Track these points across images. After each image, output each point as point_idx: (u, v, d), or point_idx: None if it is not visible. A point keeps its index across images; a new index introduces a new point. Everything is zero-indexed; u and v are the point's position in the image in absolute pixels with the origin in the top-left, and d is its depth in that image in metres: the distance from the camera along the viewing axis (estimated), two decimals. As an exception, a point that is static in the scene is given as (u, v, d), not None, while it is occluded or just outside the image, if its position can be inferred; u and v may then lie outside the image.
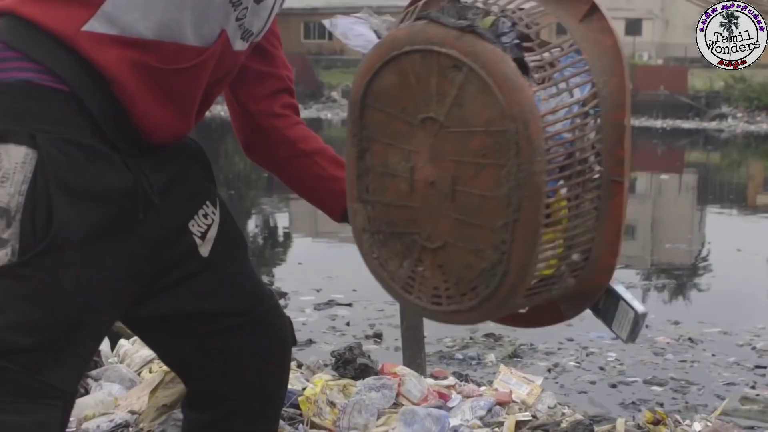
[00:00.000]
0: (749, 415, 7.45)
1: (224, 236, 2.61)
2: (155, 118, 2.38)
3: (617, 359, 8.83)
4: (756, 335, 9.72)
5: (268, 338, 2.69)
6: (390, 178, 2.34)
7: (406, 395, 4.33)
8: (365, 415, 3.94)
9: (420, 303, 2.36)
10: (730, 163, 32.92)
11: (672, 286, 12.70)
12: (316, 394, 4.02)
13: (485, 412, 4.11)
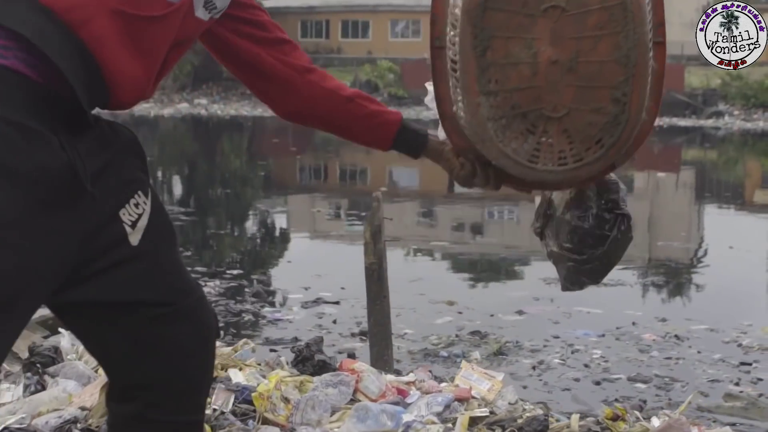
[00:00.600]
0: (732, 412, 7.46)
1: (155, 227, 2.62)
2: (126, 69, 2.40)
3: (602, 356, 8.82)
4: (743, 332, 9.72)
5: (193, 330, 2.70)
6: (512, 67, 2.68)
7: (364, 391, 4.33)
8: (318, 411, 3.94)
9: (547, 168, 2.78)
10: (726, 160, 32.94)
11: (662, 284, 12.70)
12: (269, 390, 4.02)
13: (442, 408, 4.11)
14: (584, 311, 10.39)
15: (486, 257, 14.54)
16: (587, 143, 2.72)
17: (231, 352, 5.05)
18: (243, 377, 4.39)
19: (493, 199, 20.86)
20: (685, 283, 13.02)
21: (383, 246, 6.41)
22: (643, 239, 17.20)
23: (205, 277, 11.76)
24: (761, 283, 12.74)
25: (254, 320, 9.92)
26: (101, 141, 2.49)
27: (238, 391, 4.18)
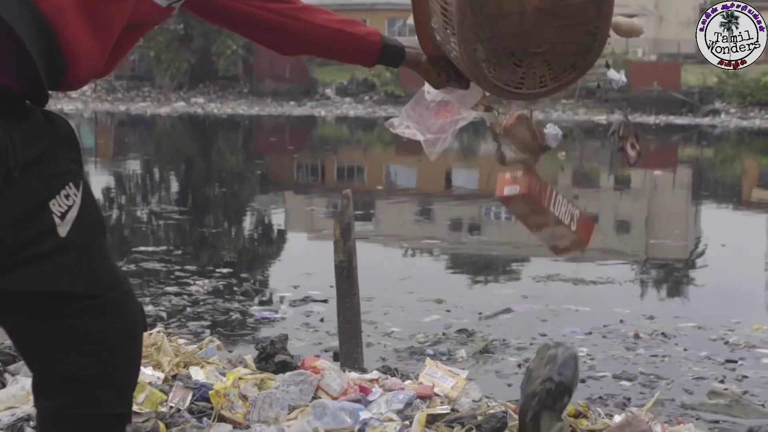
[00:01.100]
0: (715, 410, 7.46)
1: (84, 219, 2.62)
2: (84, 43, 2.44)
3: (588, 354, 8.82)
4: (730, 330, 9.72)
5: (120, 323, 2.70)
6: (504, 18, 3.06)
7: (325, 389, 4.32)
8: (276, 409, 3.94)
9: (530, 91, 3.23)
10: (723, 159, 32.94)
11: (652, 281, 12.71)
12: (227, 388, 4.02)
13: (403, 406, 4.11)
14: (572, 309, 10.41)
15: (477, 256, 14.55)
16: (564, 68, 3.21)
17: (195, 350, 5.06)
18: (203, 375, 4.39)
19: (490, 198, 20.89)
20: (676, 281, 13.03)
21: (353, 243, 6.42)
22: (638, 237, 17.23)
23: (194, 275, 11.77)
24: (752, 281, 12.75)
25: (242, 319, 9.92)
26: (36, 131, 2.51)
27: (196, 388, 4.18)
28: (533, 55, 3.14)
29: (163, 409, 4.02)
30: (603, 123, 42.11)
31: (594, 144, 37.01)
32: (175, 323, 9.63)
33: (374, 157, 31.59)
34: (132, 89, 50.78)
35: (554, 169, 20.14)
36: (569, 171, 28.04)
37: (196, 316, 9.92)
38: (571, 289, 11.57)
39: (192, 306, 10.30)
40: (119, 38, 2.56)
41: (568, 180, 26.43)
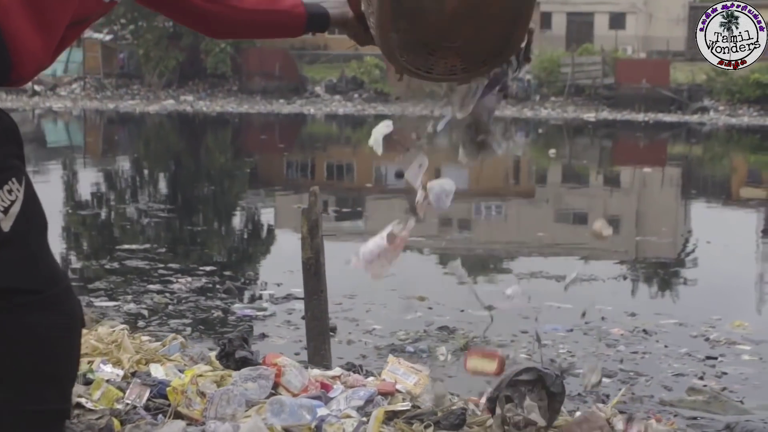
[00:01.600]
0: (694, 406, 7.47)
1: (27, 214, 2.62)
2: (30, 42, 2.44)
3: (569, 351, 8.83)
4: (711, 326, 9.73)
5: (60, 319, 2.70)
6: (422, 14, 3.07)
7: (286, 386, 4.32)
8: (233, 405, 3.93)
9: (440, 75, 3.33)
10: (712, 156, 32.98)
11: (634, 278, 12.72)
12: (184, 385, 4.02)
13: (363, 402, 4.10)
14: (554, 306, 10.39)
15: (462, 253, 14.54)
16: (476, 62, 3.29)
17: (158, 347, 5.05)
18: (163, 372, 4.38)
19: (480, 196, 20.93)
20: (659, 278, 13.04)
21: (320, 241, 6.40)
22: (624, 234, 17.24)
23: (178, 273, 11.76)
24: (735, 278, 12.76)
25: (223, 317, 9.91)
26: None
27: (154, 385, 4.18)
28: (447, 49, 3.19)
29: (119, 406, 4.02)
30: (592, 120, 42.16)
31: (583, 141, 37.11)
32: (157, 321, 9.62)
33: (363, 155, 31.59)
34: (121, 87, 50.69)
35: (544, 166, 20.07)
36: (558, 169, 28.17)
37: (178, 314, 9.91)
38: (553, 286, 11.57)
39: (174, 304, 10.29)
40: (63, 34, 2.57)
41: (558, 178, 26.53)
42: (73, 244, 14.79)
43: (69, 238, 15.27)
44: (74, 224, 16.49)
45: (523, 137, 38.56)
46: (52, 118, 42.37)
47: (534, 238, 16.12)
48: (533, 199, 22.05)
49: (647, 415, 6.96)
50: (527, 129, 40.43)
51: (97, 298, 10.48)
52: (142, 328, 9.21)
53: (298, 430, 3.82)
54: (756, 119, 42.01)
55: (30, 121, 40.75)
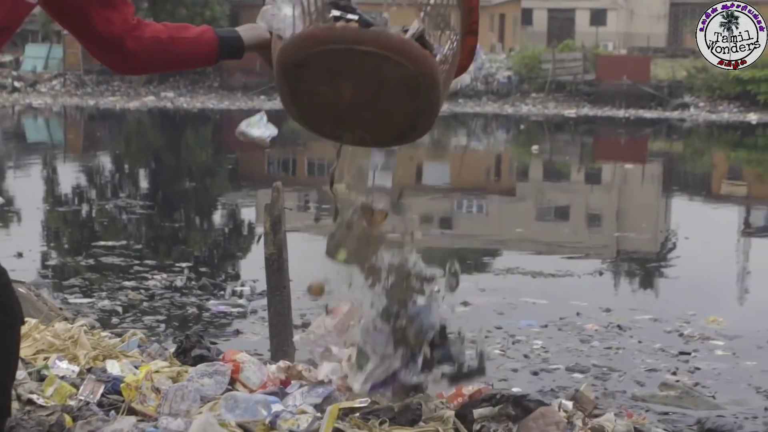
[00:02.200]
0: (666, 401, 7.48)
1: None
2: None
3: (543, 347, 8.84)
4: (686, 322, 9.75)
5: None
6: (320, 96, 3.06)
7: (244, 382, 4.31)
8: (187, 401, 3.92)
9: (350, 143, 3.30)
10: (692, 152, 33.03)
11: (611, 274, 12.72)
12: (138, 381, 4.00)
13: (321, 399, 4.09)
14: (530, 302, 10.41)
15: (438, 248, 14.50)
16: (384, 139, 3.28)
17: (117, 343, 5.03)
18: (119, 368, 4.36)
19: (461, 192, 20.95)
20: (636, 274, 13.06)
21: (283, 236, 6.38)
22: (603, 230, 17.27)
23: (153, 270, 11.72)
24: (712, 274, 12.79)
25: (198, 313, 9.87)
26: None
27: (109, 381, 4.15)
28: (353, 123, 3.15)
29: (71, 403, 3.99)
30: (573, 116, 42.20)
31: (564, 137, 37.13)
32: (131, 318, 9.59)
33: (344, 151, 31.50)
34: (101, 83, 50.42)
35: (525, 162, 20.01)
36: (540, 165, 28.19)
37: (152, 311, 9.89)
38: (529, 282, 11.58)
39: (149, 300, 10.26)
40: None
41: (539, 174, 26.55)
42: (50, 241, 14.75)
43: (47, 234, 15.23)
44: (53, 221, 16.45)
45: (504, 133, 38.60)
46: (32, 114, 42.18)
47: (513, 235, 16.12)
48: (514, 196, 22.07)
49: (619, 410, 6.99)
50: (508, 125, 40.46)
51: (71, 295, 10.45)
52: (116, 324, 9.19)
53: (253, 425, 3.81)
54: (736, 115, 42.07)
55: (10, 118, 40.61)
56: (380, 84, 3.02)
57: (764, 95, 42.62)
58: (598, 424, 4.28)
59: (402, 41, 3.02)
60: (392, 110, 3.09)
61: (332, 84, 3.03)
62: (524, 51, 49.15)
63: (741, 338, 9.26)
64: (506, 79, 46.95)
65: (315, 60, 3.00)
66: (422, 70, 3.00)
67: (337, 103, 3.06)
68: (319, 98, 3.08)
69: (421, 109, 3.10)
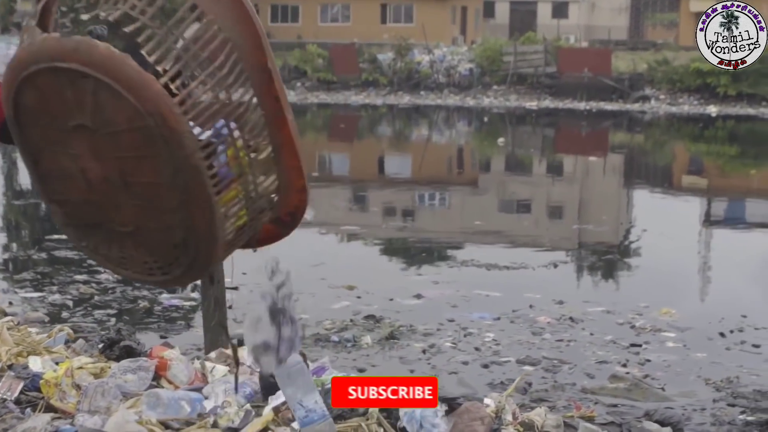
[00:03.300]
0: (615, 393, 7.49)
1: None
2: None
3: (494, 340, 8.83)
4: (638, 314, 9.77)
5: None
6: (68, 179, 2.54)
7: (171, 379, 4.27)
8: (108, 398, 3.87)
9: (138, 276, 2.72)
10: (653, 144, 33.14)
11: (565, 266, 12.70)
12: (59, 377, 3.95)
13: (254, 394, 4.06)
14: (483, 294, 10.40)
15: (394, 242, 14.49)
16: (168, 259, 2.64)
17: (42, 339, 4.97)
18: (41, 364, 4.30)
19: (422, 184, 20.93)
20: (591, 266, 13.06)
21: None
22: (561, 222, 17.30)
23: (107, 263, 11.62)
24: (668, 266, 12.83)
25: (149, 307, 9.80)
26: None
27: (28, 378, 4.10)
28: (123, 235, 2.63)
29: (-11, 400, 3.94)
30: (534, 109, 42.26)
31: (526, 130, 37.19)
32: (81, 311, 9.51)
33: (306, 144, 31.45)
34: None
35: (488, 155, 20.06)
36: (502, 157, 28.21)
37: (103, 305, 9.81)
38: (483, 275, 11.58)
39: (100, 294, 10.18)
40: None
41: (501, 166, 26.57)
42: (2, 235, 14.61)
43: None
44: (7, 214, 16.31)
45: (466, 126, 38.61)
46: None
47: (472, 227, 16.11)
48: (476, 188, 22.07)
49: (568, 402, 7.00)
50: (470, 118, 40.46)
51: (22, 289, 10.37)
52: (66, 319, 9.12)
53: (177, 422, 3.76)
54: (696, 108, 42.24)
55: (-32, 110, 40.32)
56: (114, 140, 2.45)
57: (724, 88, 42.82)
58: (528, 418, 4.27)
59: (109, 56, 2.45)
60: (152, 202, 2.48)
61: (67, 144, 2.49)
62: (486, 44, 49.15)
63: (692, 330, 9.29)
64: (468, 71, 46.93)
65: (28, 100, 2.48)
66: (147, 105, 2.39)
67: (88, 190, 2.53)
68: (69, 185, 2.57)
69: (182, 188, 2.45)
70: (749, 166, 26.78)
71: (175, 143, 2.40)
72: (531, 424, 4.24)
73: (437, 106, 43.29)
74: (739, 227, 16.99)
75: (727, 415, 7.05)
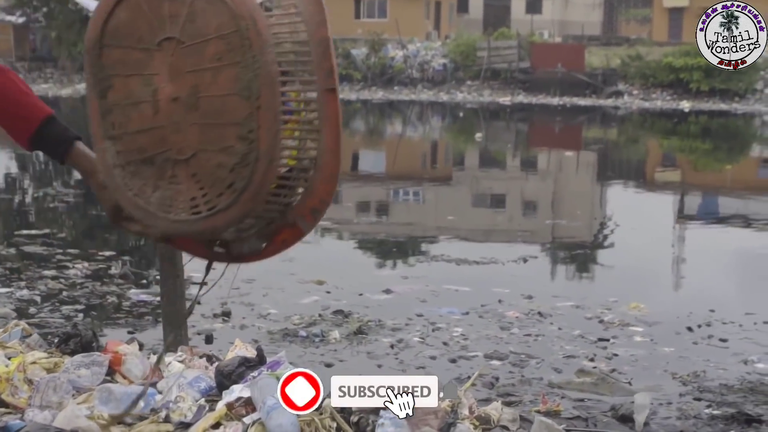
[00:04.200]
0: (582, 388, 7.49)
1: None
2: None
3: (462, 334, 8.82)
4: (607, 308, 9.79)
5: None
6: (134, 108, 2.55)
7: (126, 374, 4.25)
8: (60, 393, 3.85)
9: (180, 217, 2.59)
10: (626, 139, 33.26)
11: (534, 261, 12.70)
12: (10, 372, 3.92)
13: (208, 388, 4.05)
14: (452, 289, 10.40)
15: (365, 236, 14.49)
16: (219, 188, 2.56)
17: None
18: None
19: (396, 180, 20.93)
20: (561, 261, 13.09)
21: None
22: (532, 217, 17.32)
23: (76, 259, 11.57)
24: (638, 261, 12.87)
25: (117, 302, 9.76)
26: None
27: None
28: (177, 164, 2.56)
29: (-66, 398, 3.91)
30: (508, 104, 42.33)
31: (500, 125, 37.25)
32: (49, 307, 9.46)
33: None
34: (34, 70, 49.99)
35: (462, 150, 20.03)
36: (476, 152, 28.25)
37: (72, 300, 9.75)
38: (453, 270, 11.58)
39: (68, 290, 10.12)
40: None
41: (476, 161, 26.60)
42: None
43: (-32, 224, 15.03)
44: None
45: (440, 121, 38.65)
46: (-38, 101, 41.65)
47: (445, 222, 16.12)
48: (449, 183, 22.08)
49: (535, 397, 7.02)
50: (444, 113, 40.50)
51: (-11, 285, 10.31)
52: (33, 314, 9.08)
53: (129, 417, 3.75)
54: (669, 103, 42.46)
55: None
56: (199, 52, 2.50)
57: (696, 83, 43.04)
58: (484, 412, 4.26)
59: None
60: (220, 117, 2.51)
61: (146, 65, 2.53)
62: (460, 39, 49.22)
63: (660, 324, 9.31)
64: (441, 66, 47.00)
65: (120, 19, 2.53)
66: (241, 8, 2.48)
67: (154, 116, 2.52)
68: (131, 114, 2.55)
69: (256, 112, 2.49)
70: (722, 161, 26.91)
71: (258, 48, 2.48)
72: (487, 418, 4.24)
73: (411, 101, 43.31)
74: (711, 222, 17.05)
75: (693, 409, 7.07)
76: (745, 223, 16.64)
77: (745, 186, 22.08)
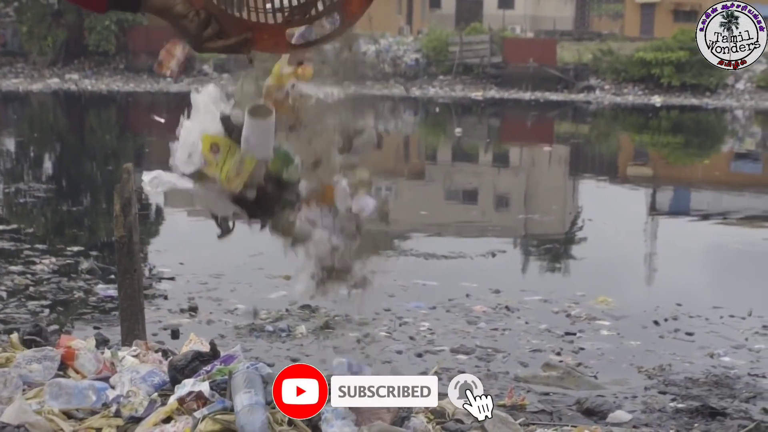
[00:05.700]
0: (547, 382, 7.52)
1: None
2: None
3: (429, 329, 8.83)
4: (575, 302, 9.82)
5: None
6: None
7: (79, 369, 4.23)
8: (10, 388, 3.83)
9: None
10: (598, 134, 33.36)
11: (502, 255, 12.69)
12: None
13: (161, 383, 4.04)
14: (420, 284, 10.40)
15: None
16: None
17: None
18: (-54, 358, 4.26)
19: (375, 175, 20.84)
20: (530, 255, 13.10)
21: (134, 219, 6.25)
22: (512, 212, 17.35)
23: (45, 254, 11.51)
24: (608, 255, 12.92)
25: (84, 297, 9.71)
26: None
27: None
28: None
29: None
30: (480, 99, 42.38)
31: (472, 120, 37.28)
32: (15, 303, 9.41)
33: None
34: (4, 65, 49.64)
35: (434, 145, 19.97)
36: (448, 147, 28.26)
37: (38, 296, 9.70)
38: (422, 264, 11.57)
39: (35, 285, 10.07)
40: None
41: (448, 156, 26.61)
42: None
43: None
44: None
45: (412, 116, 38.65)
46: (-68, 96, 41.47)
47: (416, 217, 16.09)
48: (423, 178, 22.08)
49: (500, 391, 7.03)
50: (416, 108, 40.50)
51: (-45, 282, 10.24)
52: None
53: (81, 412, 3.73)
54: (640, 98, 42.59)
55: None
56: None
57: (668, 78, 43.17)
58: (439, 405, 4.26)
59: None
60: None
61: None
62: (432, 34, 49.18)
63: (627, 318, 9.35)
64: (414, 61, 46.97)
65: None
66: None
67: None
68: None
69: None
70: (694, 156, 27.02)
71: None
72: (442, 412, 4.24)
73: (383, 96, 43.29)
74: (681, 217, 17.13)
75: (658, 402, 7.11)
76: (716, 218, 16.72)
77: (717, 180, 22.17)
